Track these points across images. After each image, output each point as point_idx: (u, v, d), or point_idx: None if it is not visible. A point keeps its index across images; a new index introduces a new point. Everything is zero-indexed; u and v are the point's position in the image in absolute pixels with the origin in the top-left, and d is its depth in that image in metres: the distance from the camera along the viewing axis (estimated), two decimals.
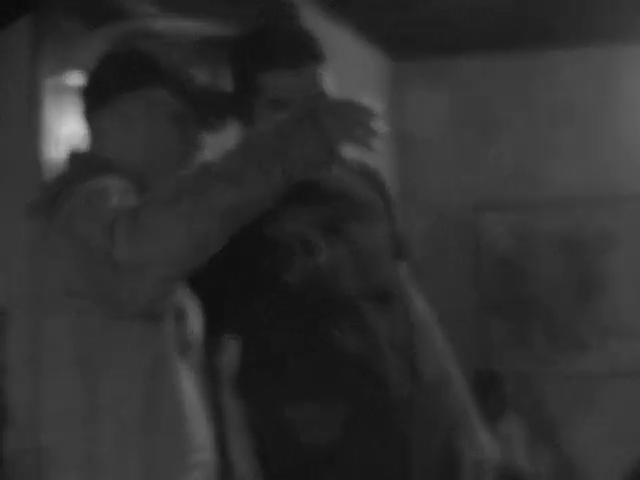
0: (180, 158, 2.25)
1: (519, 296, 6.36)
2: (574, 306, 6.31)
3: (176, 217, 1.93)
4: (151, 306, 2.01)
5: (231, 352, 2.38)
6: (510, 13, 5.70)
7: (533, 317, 6.33)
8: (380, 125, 2.06)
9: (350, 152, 2.57)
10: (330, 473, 2.37)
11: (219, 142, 2.36)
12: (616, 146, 6.19)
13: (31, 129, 3.56)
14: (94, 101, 2.28)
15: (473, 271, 6.38)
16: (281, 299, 2.37)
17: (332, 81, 2.43)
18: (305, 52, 2.40)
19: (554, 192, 6.26)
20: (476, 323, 6.31)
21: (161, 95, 2.26)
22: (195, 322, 2.24)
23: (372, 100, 2.08)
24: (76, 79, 3.46)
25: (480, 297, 6.36)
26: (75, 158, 2.29)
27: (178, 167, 2.24)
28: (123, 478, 2.08)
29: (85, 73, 2.35)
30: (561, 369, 6.28)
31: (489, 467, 2.61)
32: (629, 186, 5.94)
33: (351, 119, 2.06)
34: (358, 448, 2.37)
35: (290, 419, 2.35)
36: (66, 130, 3.44)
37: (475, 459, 2.60)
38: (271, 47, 2.41)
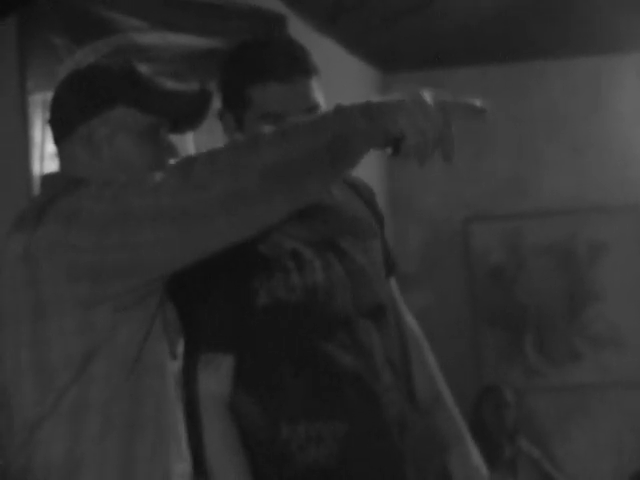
0: (154, 166, 2.19)
1: (511, 307, 6.36)
2: (566, 317, 6.31)
3: (224, 168, 1.99)
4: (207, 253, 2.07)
5: (222, 370, 2.34)
6: (498, 27, 5.71)
7: (524, 329, 6.33)
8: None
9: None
10: None
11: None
12: (605, 158, 6.21)
13: (19, 144, 3.54)
14: (60, 129, 2.26)
15: (465, 282, 6.37)
16: (276, 317, 2.34)
17: (322, 94, 2.41)
18: (296, 65, 2.38)
19: (545, 204, 6.27)
20: (467, 336, 6.30)
21: (125, 113, 2.22)
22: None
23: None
24: None
25: (471, 309, 6.35)
26: (47, 179, 2.29)
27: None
28: (102, 476, 2.06)
29: (51, 98, 2.32)
30: (554, 381, 6.27)
31: None
32: (618, 197, 5.95)
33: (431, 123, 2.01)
34: (354, 466, 2.34)
35: (286, 438, 2.32)
36: (52, 146, 3.40)
37: (466, 478, 2.59)
38: (262, 60, 2.39)
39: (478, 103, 2.07)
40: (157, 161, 2.22)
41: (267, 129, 2.07)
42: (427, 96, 2.01)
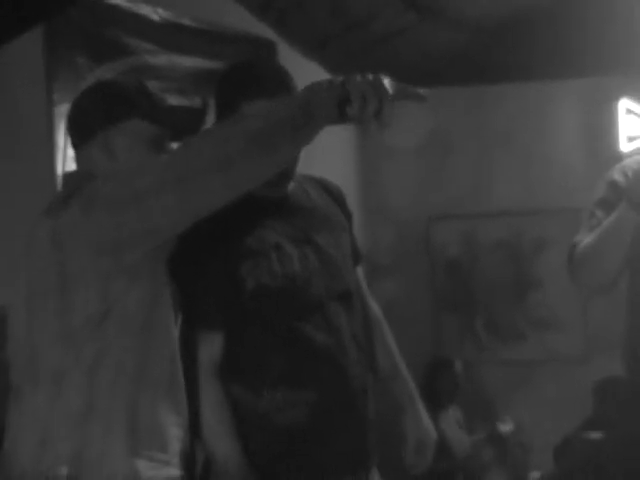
0: None
1: (466, 294, 6.36)
2: (513, 302, 6.31)
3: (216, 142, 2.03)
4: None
5: (215, 345, 2.33)
6: (462, 54, 5.72)
7: (477, 312, 6.33)
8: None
9: (315, 171, 2.56)
10: (301, 450, 2.34)
11: None
12: (548, 167, 6.21)
13: (45, 148, 3.54)
14: (80, 134, 2.25)
15: (427, 272, 6.36)
16: (260, 300, 2.33)
17: None
18: (280, 84, 2.36)
19: (497, 206, 6.27)
20: (430, 317, 6.30)
21: (140, 124, 2.23)
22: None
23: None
24: None
25: (433, 295, 6.35)
26: (68, 177, 2.31)
27: None
28: (110, 426, 2.06)
29: (70, 108, 2.32)
30: (501, 356, 6.27)
31: (429, 445, 2.61)
32: (559, 202, 5.94)
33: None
34: (324, 428, 2.35)
35: (266, 404, 2.33)
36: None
37: (418, 438, 2.60)
38: (251, 79, 2.38)
39: (420, 91, 2.14)
40: None
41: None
42: (377, 76, 2.08)
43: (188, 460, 2.21)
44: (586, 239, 2.71)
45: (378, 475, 2.50)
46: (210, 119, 2.45)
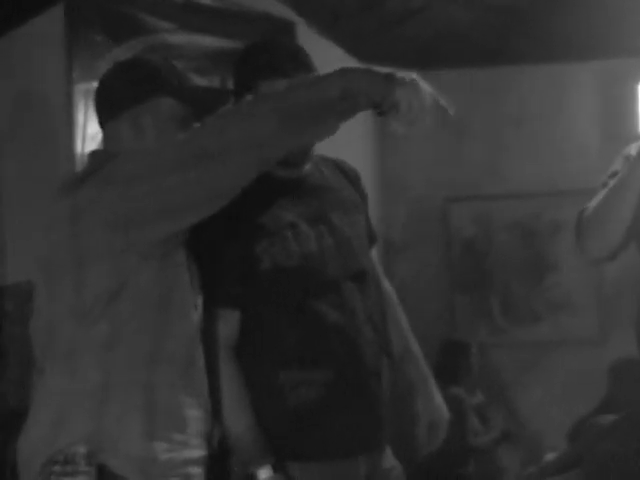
0: None
1: (481, 275, 6.35)
2: (528, 284, 6.30)
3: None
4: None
5: (232, 323, 2.34)
6: (478, 36, 5.69)
7: (493, 293, 6.33)
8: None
9: (332, 151, 2.56)
10: (315, 429, 2.35)
11: None
12: (565, 149, 6.18)
13: (65, 126, 3.55)
14: (108, 113, 2.24)
15: (443, 253, 6.36)
16: (275, 279, 2.34)
17: None
18: (299, 63, 2.36)
19: (513, 187, 6.25)
20: (444, 298, 6.30)
21: (168, 103, 2.22)
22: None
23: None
24: None
25: (448, 276, 6.35)
26: (93, 155, 2.28)
27: None
28: (126, 406, 2.06)
29: (98, 85, 2.30)
30: (516, 338, 6.27)
31: (442, 425, 2.62)
32: (575, 183, 5.91)
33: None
34: (338, 408, 2.35)
35: (281, 382, 2.33)
36: (93, 128, 3.41)
37: (430, 418, 2.60)
38: (270, 59, 2.37)
39: (447, 108, 2.19)
40: None
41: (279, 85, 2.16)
42: (421, 85, 2.11)
43: (209, 439, 2.21)
44: (592, 202, 2.69)
45: (391, 454, 2.52)
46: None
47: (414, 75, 2.12)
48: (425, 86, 2.11)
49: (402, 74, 2.10)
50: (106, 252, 2.04)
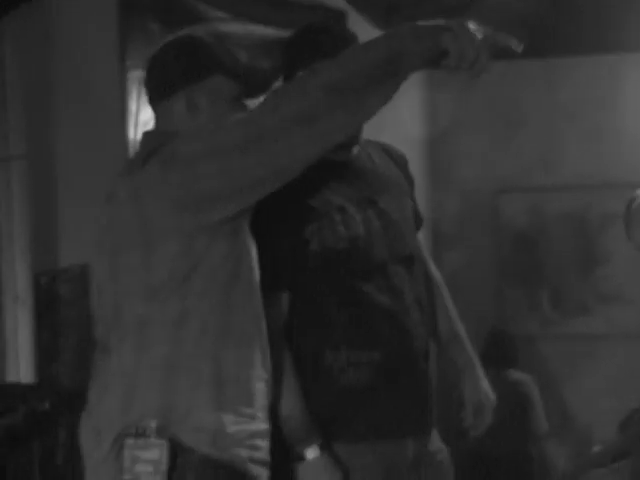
0: None
1: (531, 267, 6.32)
2: (579, 276, 6.27)
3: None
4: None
5: (281, 304, 2.35)
6: (532, 28, 5.65)
7: (543, 285, 6.30)
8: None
9: (384, 140, 2.56)
10: (363, 411, 2.35)
11: None
12: (618, 141, 6.15)
13: (118, 113, 3.58)
14: (161, 91, 2.23)
15: (494, 244, 6.35)
16: (325, 262, 2.35)
17: None
18: (347, 47, 2.34)
19: (565, 179, 6.23)
20: (494, 289, 6.29)
21: (222, 81, 2.21)
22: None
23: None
24: None
25: (498, 267, 6.33)
26: (147, 136, 2.28)
27: None
28: (196, 380, 2.07)
29: (149, 63, 2.29)
30: (566, 331, 6.24)
31: (488, 407, 2.62)
32: (627, 175, 5.88)
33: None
34: (386, 389, 2.36)
35: (329, 363, 2.35)
36: (146, 115, 3.44)
37: (476, 400, 2.60)
38: (320, 42, 2.37)
39: (513, 40, 2.11)
40: None
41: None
42: (470, 24, 2.05)
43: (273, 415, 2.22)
44: None
45: (438, 437, 2.52)
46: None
47: (459, 20, 2.06)
48: (473, 26, 2.05)
49: (446, 22, 2.05)
50: (175, 232, 2.04)
